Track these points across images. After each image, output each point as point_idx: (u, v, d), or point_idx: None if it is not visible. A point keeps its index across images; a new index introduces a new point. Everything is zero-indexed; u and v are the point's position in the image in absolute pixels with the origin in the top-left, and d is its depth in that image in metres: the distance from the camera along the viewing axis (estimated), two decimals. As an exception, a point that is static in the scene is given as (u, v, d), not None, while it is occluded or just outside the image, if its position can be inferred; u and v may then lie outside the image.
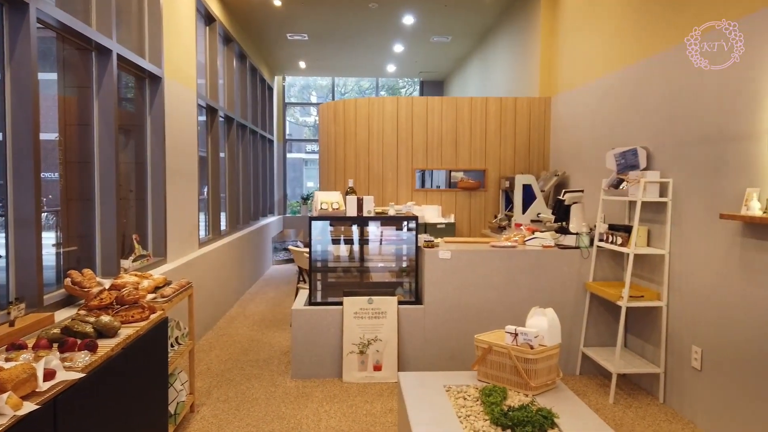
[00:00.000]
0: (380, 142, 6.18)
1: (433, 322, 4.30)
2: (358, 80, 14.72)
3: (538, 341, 2.78)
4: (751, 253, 3.02)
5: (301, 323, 4.24)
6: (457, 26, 8.34)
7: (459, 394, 2.70)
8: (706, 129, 3.39)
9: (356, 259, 4.93)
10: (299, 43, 9.34)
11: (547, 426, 2.31)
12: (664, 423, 3.48)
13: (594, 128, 5.00)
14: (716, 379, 3.29)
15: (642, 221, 4.00)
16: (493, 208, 6.31)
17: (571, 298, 4.35)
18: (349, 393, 3.96)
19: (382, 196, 6.12)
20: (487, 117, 6.22)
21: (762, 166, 2.92)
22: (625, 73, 4.42)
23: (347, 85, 14.99)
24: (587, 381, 4.22)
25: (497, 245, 4.46)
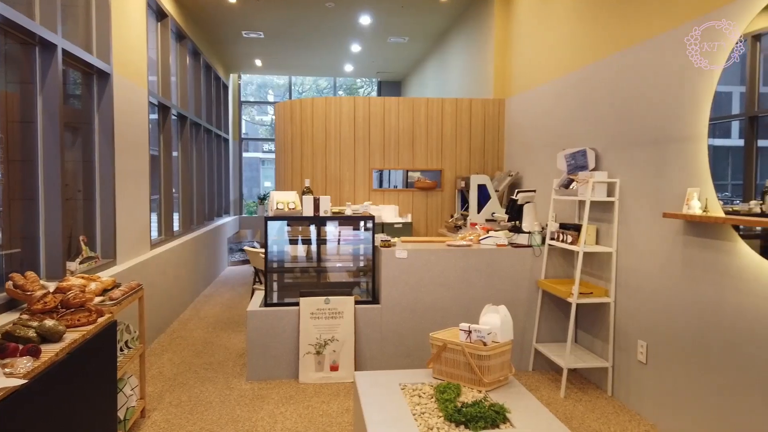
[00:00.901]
0: (337, 141, 6.16)
1: (390, 321, 4.33)
2: (316, 79, 14.65)
3: (491, 338, 2.83)
4: (691, 250, 3.15)
5: (257, 324, 4.19)
6: (414, 27, 8.40)
7: (414, 392, 2.73)
8: (651, 131, 3.52)
9: (313, 259, 4.91)
10: (255, 41, 9.22)
11: (499, 421, 2.36)
12: (612, 415, 3.60)
13: (546, 130, 5.13)
14: (660, 371, 3.42)
15: (591, 220, 4.12)
16: (449, 207, 6.39)
17: (524, 296, 4.45)
18: (306, 394, 3.94)
19: (339, 196, 6.11)
20: (443, 118, 6.29)
21: (701, 167, 3.06)
22: (575, 76, 4.55)
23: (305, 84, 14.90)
24: (540, 376, 4.33)
25: (453, 244, 4.52)
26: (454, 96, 7.65)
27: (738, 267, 2.82)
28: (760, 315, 2.68)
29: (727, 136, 3.14)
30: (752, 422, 2.72)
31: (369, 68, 11.60)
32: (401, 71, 11.79)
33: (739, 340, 2.80)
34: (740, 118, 2.96)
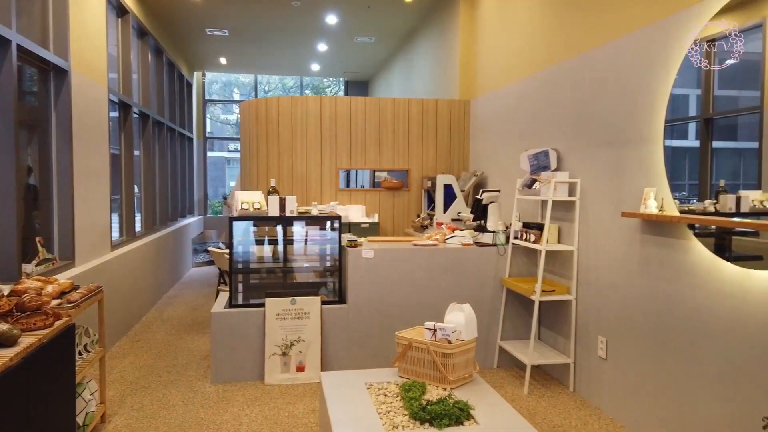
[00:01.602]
0: (304, 141, 6.13)
1: (357, 321, 4.33)
2: (282, 78, 14.54)
3: (455, 336, 2.87)
4: (649, 248, 3.25)
5: (221, 326, 4.14)
6: (380, 28, 8.42)
7: (380, 391, 2.74)
8: (610, 133, 3.62)
9: (279, 259, 4.87)
10: (219, 39, 9.10)
11: (463, 418, 2.39)
12: (573, 410, 3.68)
13: (510, 130, 5.21)
14: (619, 366, 3.52)
15: (553, 219, 4.21)
16: (415, 207, 6.42)
17: (489, 294, 4.51)
18: (272, 395, 3.91)
19: (305, 196, 6.08)
20: (410, 118, 6.32)
21: (658, 167, 3.16)
22: (538, 77, 4.63)
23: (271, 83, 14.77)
24: (504, 373, 4.40)
25: (419, 244, 4.55)
26: (420, 96, 7.69)
27: (692, 264, 2.92)
28: (712, 310, 2.78)
29: (684, 137, 3.24)
30: (705, 413, 2.82)
31: (336, 68, 11.57)
32: (368, 71, 11.80)
33: (693, 334, 2.90)
34: (696, 120, 3.06)
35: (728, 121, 2.92)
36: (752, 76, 2.64)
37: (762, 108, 2.54)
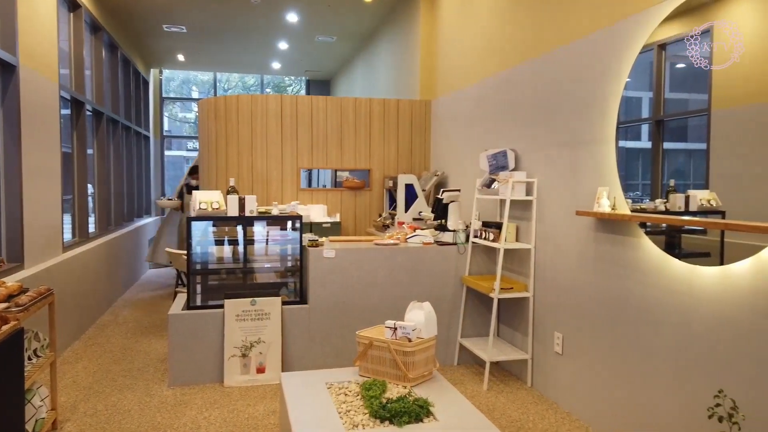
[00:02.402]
0: (264, 140, 6.07)
1: (318, 321, 4.32)
2: (243, 77, 14.34)
3: (415, 334, 2.89)
4: (602, 246, 3.35)
5: (179, 328, 4.06)
6: (341, 27, 8.40)
7: (340, 390, 2.74)
8: (566, 133, 3.71)
9: (240, 260, 4.81)
10: (177, 36, 8.91)
11: (423, 415, 2.42)
12: (531, 405, 3.76)
13: (470, 131, 5.28)
14: (575, 361, 3.61)
15: (511, 218, 4.29)
16: (377, 206, 6.44)
17: (449, 292, 4.56)
18: (231, 398, 3.86)
19: (266, 196, 6.02)
20: (371, 118, 6.33)
21: (610, 167, 3.25)
22: (496, 79, 4.71)
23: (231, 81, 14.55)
24: (464, 370, 4.45)
25: (380, 243, 4.56)
26: (382, 96, 7.71)
27: (643, 261, 3.02)
28: (661, 305, 2.88)
29: (637, 138, 3.34)
30: (656, 404, 2.92)
31: (297, 66, 11.49)
32: (330, 70, 11.76)
33: (644, 329, 3.01)
34: (648, 122, 3.17)
35: (678, 123, 3.03)
36: (701, 79, 2.74)
37: (709, 110, 2.64)
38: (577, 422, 3.50)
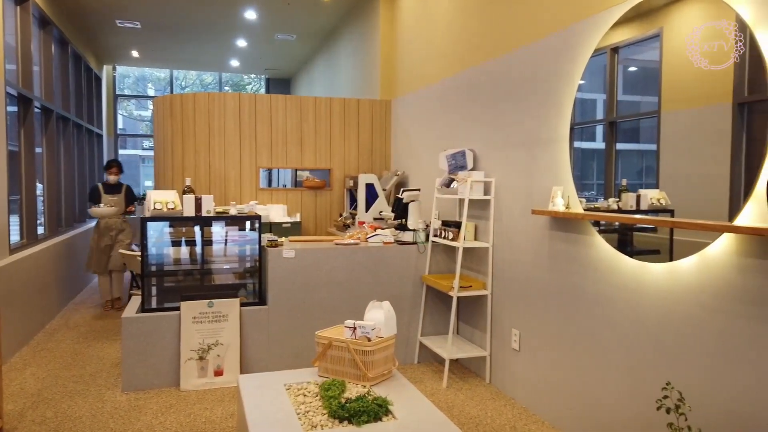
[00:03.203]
0: (222, 139, 5.97)
1: (278, 322, 4.27)
2: (200, 74, 14.07)
3: (375, 333, 2.89)
4: (557, 244, 3.42)
5: (133, 332, 3.95)
6: (301, 25, 8.34)
7: (299, 391, 2.71)
8: (523, 133, 3.78)
9: (197, 261, 4.71)
10: (131, 31, 8.68)
11: (381, 414, 2.42)
12: (489, 401, 3.81)
13: (430, 130, 5.32)
14: (531, 357, 3.68)
15: (470, 217, 4.34)
16: (338, 206, 6.42)
17: (410, 291, 4.58)
18: (188, 401, 3.78)
19: (224, 196, 5.93)
20: (332, 117, 6.31)
21: (564, 167, 3.33)
22: (456, 79, 4.76)
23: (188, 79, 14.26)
24: (424, 368, 4.48)
25: (341, 243, 4.55)
26: (343, 95, 7.69)
27: (595, 259, 3.10)
28: (613, 301, 2.97)
29: (592, 139, 3.42)
30: (608, 398, 3.01)
31: (256, 64, 11.35)
32: (290, 69, 11.66)
33: (597, 325, 3.09)
34: (601, 123, 3.25)
35: (631, 124, 3.11)
36: (651, 82, 2.83)
37: (659, 112, 2.73)
38: (534, 417, 3.57)
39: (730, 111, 2.33)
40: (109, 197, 6.28)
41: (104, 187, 6.36)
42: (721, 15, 2.34)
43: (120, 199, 6.34)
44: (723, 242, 2.32)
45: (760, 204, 2.09)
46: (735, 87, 2.31)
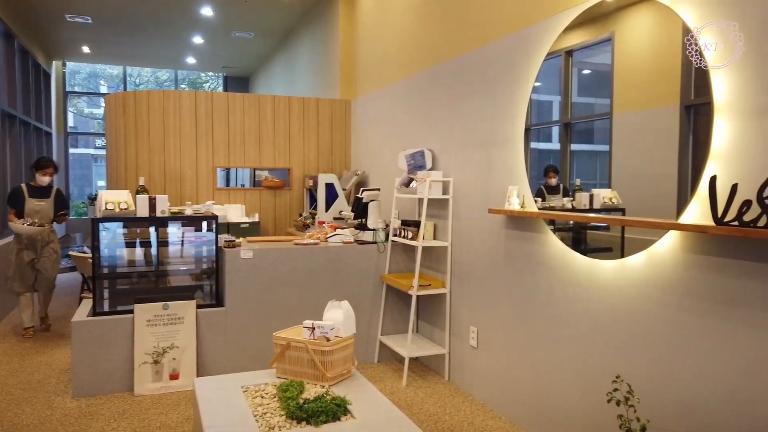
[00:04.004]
0: (177, 138, 5.84)
1: (236, 324, 4.21)
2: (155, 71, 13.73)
3: (334, 333, 2.88)
4: (513, 242, 3.49)
5: (84, 336, 3.83)
6: (259, 23, 8.24)
7: (257, 393, 2.68)
8: (480, 134, 3.83)
9: (152, 263, 4.60)
10: (81, 26, 8.40)
11: (340, 413, 2.41)
12: (448, 398, 3.85)
13: (389, 130, 5.34)
14: (489, 354, 3.74)
15: (429, 216, 4.38)
16: (297, 206, 6.37)
17: (370, 291, 4.59)
18: (142, 406, 3.68)
19: (180, 196, 5.80)
20: (290, 116, 6.25)
21: (519, 167, 3.39)
22: (415, 79, 4.79)
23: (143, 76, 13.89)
24: (384, 367, 4.50)
25: (300, 243, 4.52)
26: (302, 94, 7.64)
27: (550, 256, 3.17)
28: (566, 298, 3.04)
29: (549, 140, 3.50)
30: (561, 392, 3.08)
31: (214, 62, 11.16)
32: (248, 67, 11.51)
33: (551, 321, 3.16)
34: (557, 124, 3.32)
35: (585, 125, 3.19)
36: (604, 85, 2.91)
37: (611, 114, 2.81)
38: (491, 413, 3.62)
39: (677, 113, 2.42)
40: (35, 202, 5.11)
41: (29, 190, 5.16)
42: (668, 21, 2.43)
43: (48, 205, 5.18)
44: (669, 239, 2.41)
45: (703, 203, 2.18)
46: (682, 90, 2.40)
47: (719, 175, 2.15)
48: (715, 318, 2.22)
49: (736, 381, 2.14)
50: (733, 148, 2.15)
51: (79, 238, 10.40)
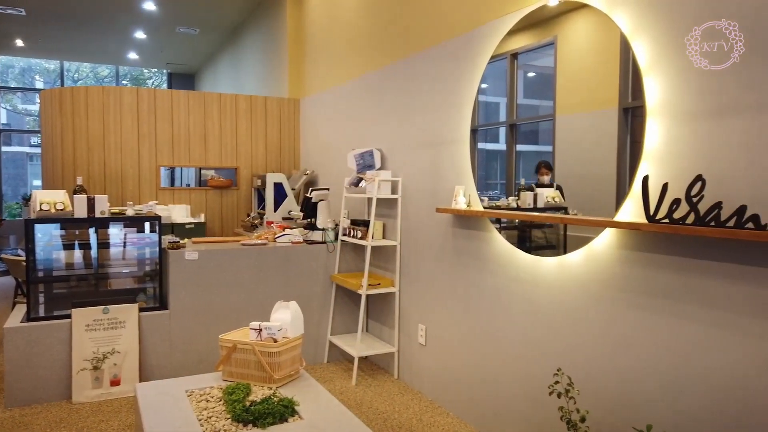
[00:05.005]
0: (118, 136, 5.64)
1: (180, 327, 4.10)
2: (95, 67, 13.21)
3: (281, 334, 2.86)
4: (460, 240, 3.55)
5: (18, 343, 3.64)
6: (204, 19, 8.06)
7: (202, 397, 2.63)
8: (428, 134, 3.87)
9: (92, 265, 4.43)
10: (14, 18, 7.98)
11: (287, 415, 2.39)
12: (397, 396, 3.88)
13: (338, 130, 5.32)
14: (436, 351, 3.79)
15: (378, 216, 4.40)
16: (245, 206, 6.27)
17: (319, 291, 4.56)
18: (81, 415, 3.54)
19: (121, 196, 5.61)
20: (238, 115, 6.15)
21: (465, 167, 3.45)
22: (364, 79, 4.80)
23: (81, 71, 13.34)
24: (334, 367, 4.48)
25: (247, 243, 4.45)
26: (250, 92, 7.51)
27: (494, 254, 3.24)
28: (511, 294, 3.12)
29: (496, 141, 3.57)
30: (506, 386, 3.15)
31: (157, 58, 10.83)
32: (194, 64, 11.24)
33: (496, 317, 3.23)
34: (503, 125, 3.39)
35: (530, 126, 3.28)
36: (548, 87, 2.99)
37: (554, 116, 2.90)
38: (440, 409, 3.67)
39: (616, 116, 2.52)
40: None
41: None
42: (606, 27, 2.52)
43: None
44: (606, 237, 2.51)
45: (637, 201, 2.28)
46: (620, 93, 2.50)
47: (652, 175, 2.25)
48: (649, 311, 2.32)
49: (668, 371, 2.25)
50: (664, 149, 2.25)
51: (12, 240, 9.89)
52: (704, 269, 2.11)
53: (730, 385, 2.03)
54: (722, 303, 2.05)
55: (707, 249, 2.10)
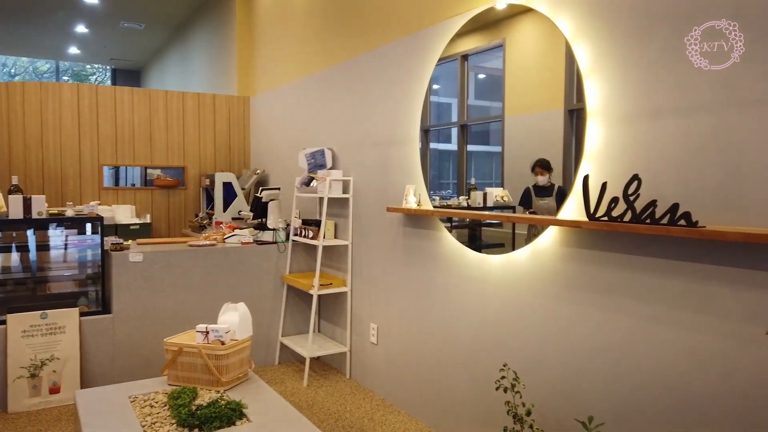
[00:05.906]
0: (57, 133, 5.41)
1: (125, 331, 3.97)
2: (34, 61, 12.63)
3: (229, 336, 2.81)
4: (411, 239, 3.57)
5: (-54, 352, 3.45)
6: (150, 14, 7.83)
7: (146, 403, 2.55)
8: (378, 134, 3.88)
9: (29, 269, 4.23)
10: (-57, 8, 7.55)
11: (235, 418, 2.35)
12: (349, 396, 3.87)
13: (289, 129, 5.27)
14: (388, 350, 3.80)
15: (329, 215, 4.38)
16: (193, 206, 6.13)
17: (270, 291, 4.51)
18: (17, 425, 3.38)
19: (61, 196, 5.38)
20: (185, 112, 6.00)
21: (415, 167, 3.48)
22: (314, 78, 4.76)
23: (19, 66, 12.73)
24: (285, 369, 4.44)
25: (195, 244, 4.35)
26: (198, 90, 7.34)
27: (444, 253, 3.28)
28: (460, 292, 3.16)
29: (448, 141, 3.61)
30: (455, 382, 3.20)
31: (101, 54, 10.45)
32: (140, 60, 10.90)
33: (447, 314, 3.27)
34: (454, 126, 3.43)
35: (481, 127, 3.33)
36: (497, 89, 3.05)
37: (503, 117, 2.95)
38: (391, 407, 3.69)
39: (562, 117, 2.59)
40: None
41: None
42: (552, 31, 2.59)
43: None
44: (550, 234, 2.58)
45: (579, 200, 2.35)
46: (566, 96, 2.57)
47: (592, 174, 2.33)
48: (591, 306, 2.40)
49: (608, 364, 2.33)
50: (603, 150, 2.33)
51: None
52: (641, 265, 2.20)
53: (665, 376, 2.12)
54: (658, 297, 2.14)
55: (643, 245, 2.18)
